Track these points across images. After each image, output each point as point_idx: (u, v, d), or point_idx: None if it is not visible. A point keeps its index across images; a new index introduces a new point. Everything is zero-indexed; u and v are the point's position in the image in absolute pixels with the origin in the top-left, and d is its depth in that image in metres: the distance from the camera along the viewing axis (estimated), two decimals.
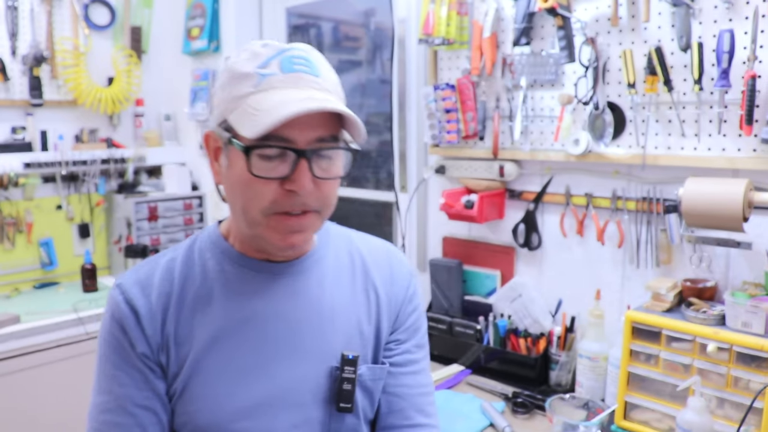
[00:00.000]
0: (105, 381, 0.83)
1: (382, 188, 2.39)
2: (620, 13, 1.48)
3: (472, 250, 1.89)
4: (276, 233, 0.79)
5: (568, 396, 1.36)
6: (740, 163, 1.34)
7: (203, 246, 0.88)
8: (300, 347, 0.85)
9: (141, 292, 0.83)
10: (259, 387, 0.83)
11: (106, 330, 0.84)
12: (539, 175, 1.73)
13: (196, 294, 0.84)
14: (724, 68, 1.30)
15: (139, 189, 2.73)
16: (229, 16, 2.58)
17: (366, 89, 2.47)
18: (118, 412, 0.81)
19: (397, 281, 0.95)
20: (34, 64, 2.40)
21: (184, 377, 0.82)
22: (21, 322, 2.08)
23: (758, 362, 1.17)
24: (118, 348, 0.82)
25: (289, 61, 0.78)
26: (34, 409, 2.07)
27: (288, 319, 0.85)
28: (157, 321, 0.82)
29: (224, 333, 0.82)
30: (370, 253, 0.96)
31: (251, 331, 0.83)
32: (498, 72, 1.72)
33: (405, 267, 0.98)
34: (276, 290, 0.85)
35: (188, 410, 0.82)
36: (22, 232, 2.48)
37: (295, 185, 0.76)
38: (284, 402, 0.84)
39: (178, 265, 0.86)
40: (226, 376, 0.82)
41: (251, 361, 0.83)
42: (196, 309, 0.83)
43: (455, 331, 1.77)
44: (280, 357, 0.84)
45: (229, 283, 0.84)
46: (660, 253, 1.50)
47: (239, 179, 0.78)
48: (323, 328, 0.87)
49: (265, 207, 0.78)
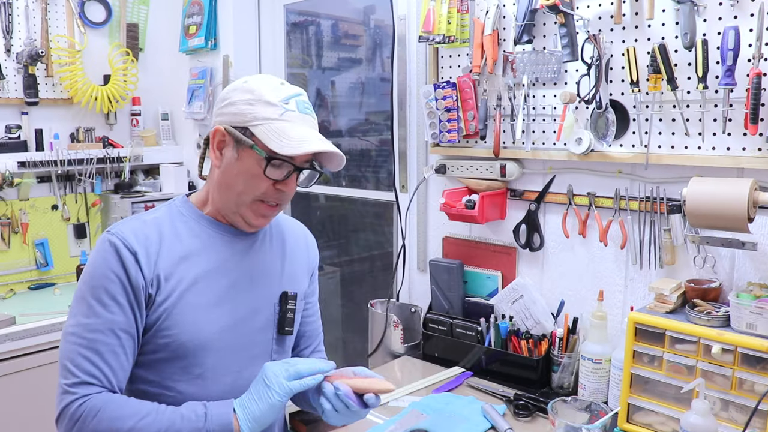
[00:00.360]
0: (96, 307, 1.02)
1: (382, 188, 2.38)
2: (623, 10, 1.46)
3: (473, 251, 1.87)
4: (253, 214, 1.11)
5: (570, 398, 1.35)
6: (745, 162, 1.33)
7: (180, 211, 1.15)
8: (254, 287, 1.17)
9: (135, 239, 1.06)
10: (226, 315, 1.12)
11: (104, 266, 1.03)
12: (541, 175, 1.71)
13: (180, 246, 1.10)
14: (728, 66, 1.28)
15: (135, 189, 2.71)
16: (226, 14, 2.56)
17: (366, 87, 2.45)
18: (106, 333, 1.02)
19: (310, 248, 1.33)
20: (29, 62, 2.37)
21: (169, 307, 1.06)
22: (16, 323, 2.06)
23: (763, 364, 1.16)
24: (116, 281, 1.03)
25: (302, 104, 1.10)
26: (29, 411, 2.05)
27: (245, 269, 1.16)
28: (151, 261, 1.05)
29: (201, 277, 1.10)
30: (293, 229, 1.31)
31: (219, 276, 1.12)
32: (499, 70, 1.70)
33: (314, 242, 1.36)
34: (236, 247, 1.16)
35: (172, 332, 1.06)
36: (17, 233, 2.46)
37: (286, 188, 1.10)
38: (244, 325, 1.15)
39: (163, 222, 1.11)
40: (202, 307, 1.09)
41: (219, 297, 1.12)
42: (180, 257, 1.09)
43: (456, 333, 1.76)
44: (241, 294, 1.15)
45: (204, 240, 1.13)
46: (664, 253, 1.48)
47: (247, 172, 1.08)
48: (268, 278, 1.20)
49: (257, 195, 1.09)
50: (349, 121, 2.52)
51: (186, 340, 1.07)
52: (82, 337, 1.02)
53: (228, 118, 1.08)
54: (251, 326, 1.16)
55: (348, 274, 2.70)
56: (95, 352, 1.01)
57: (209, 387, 1.11)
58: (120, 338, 1.03)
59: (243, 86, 1.09)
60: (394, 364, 1.81)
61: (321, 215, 2.71)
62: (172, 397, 1.09)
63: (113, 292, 1.02)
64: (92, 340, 1.01)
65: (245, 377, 1.14)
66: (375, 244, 2.53)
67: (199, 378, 1.10)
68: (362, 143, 2.47)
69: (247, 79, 1.11)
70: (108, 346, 1.02)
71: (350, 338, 2.70)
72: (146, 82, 2.78)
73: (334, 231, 2.67)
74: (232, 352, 1.14)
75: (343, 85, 2.54)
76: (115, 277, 1.03)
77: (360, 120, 2.50)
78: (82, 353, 1.01)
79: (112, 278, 1.03)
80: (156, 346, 1.08)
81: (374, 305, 1.99)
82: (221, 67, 2.58)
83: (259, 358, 1.17)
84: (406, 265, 2.06)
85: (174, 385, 1.09)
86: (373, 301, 2.00)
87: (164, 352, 1.08)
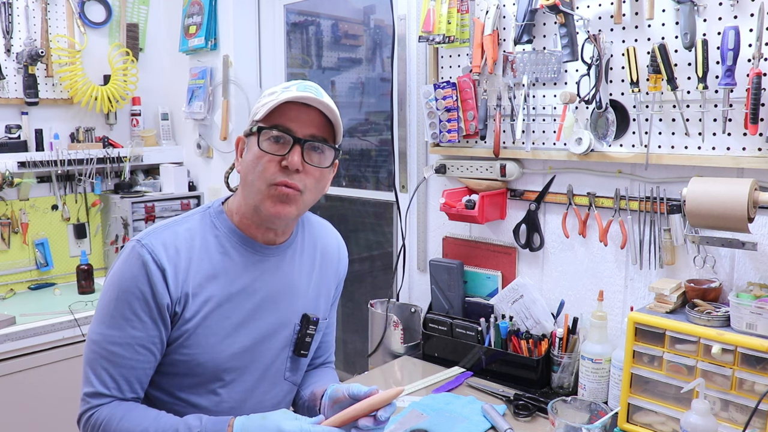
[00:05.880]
0: (119, 320, 1.03)
1: (382, 188, 2.38)
2: (624, 10, 1.46)
3: (473, 251, 1.87)
4: (271, 203, 1.06)
5: (570, 398, 1.35)
6: (745, 162, 1.32)
7: (214, 223, 1.13)
8: (278, 307, 1.16)
9: (165, 253, 1.04)
10: (246, 337, 1.12)
11: (132, 281, 1.03)
12: (541, 175, 1.71)
13: (210, 264, 1.09)
14: (728, 66, 1.28)
15: (135, 189, 2.71)
16: (226, 14, 2.56)
17: (366, 87, 2.45)
18: (126, 347, 1.03)
19: (342, 261, 1.32)
20: (29, 62, 2.37)
21: (192, 327, 1.06)
22: (16, 323, 2.06)
23: (763, 364, 1.15)
24: (141, 298, 1.03)
25: (303, 85, 1.08)
26: (29, 411, 2.05)
27: (269, 290, 1.15)
28: (179, 279, 1.05)
29: (227, 298, 1.10)
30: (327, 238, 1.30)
31: (245, 297, 1.12)
32: (499, 70, 1.70)
33: (345, 251, 1.35)
34: (263, 268, 1.15)
35: (192, 351, 1.07)
36: (17, 233, 2.46)
37: (288, 162, 1.04)
38: (263, 345, 1.15)
39: (195, 235, 1.10)
40: (224, 328, 1.09)
41: (242, 319, 1.12)
42: (209, 276, 1.08)
43: (456, 333, 1.76)
44: (262, 316, 1.14)
45: (234, 259, 1.12)
46: (664, 253, 1.48)
47: (252, 156, 1.07)
48: (293, 296, 1.18)
49: (267, 177, 1.05)
50: (349, 121, 2.52)
51: (205, 360, 1.09)
52: (103, 348, 1.04)
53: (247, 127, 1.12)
54: (270, 346, 1.17)
55: (348, 274, 2.69)
56: (113, 364, 1.04)
57: (221, 402, 1.13)
58: (139, 353, 1.04)
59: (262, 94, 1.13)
60: (394, 364, 1.81)
61: (321, 215, 2.69)
62: (183, 407, 1.11)
63: (137, 309, 1.03)
64: (111, 352, 1.03)
65: (257, 394, 1.17)
66: (375, 244, 2.53)
67: (212, 393, 1.12)
68: (362, 143, 2.47)
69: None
70: (126, 360, 1.04)
71: (350, 338, 2.70)
72: (146, 82, 2.78)
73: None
74: (247, 371, 1.15)
75: (343, 85, 2.54)
76: (140, 294, 1.03)
77: (360, 120, 2.50)
78: (102, 364, 1.04)
79: (138, 295, 1.03)
80: (173, 361, 1.09)
81: (374, 305, 1.99)
82: (221, 67, 2.58)
83: (273, 377, 1.19)
84: (406, 265, 2.06)
85: (187, 397, 1.11)
86: (373, 301, 2.00)
87: (181, 368, 1.09)
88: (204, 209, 1.15)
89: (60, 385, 2.08)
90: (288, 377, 1.22)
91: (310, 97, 1.04)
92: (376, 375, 1.75)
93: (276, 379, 1.20)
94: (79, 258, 2.44)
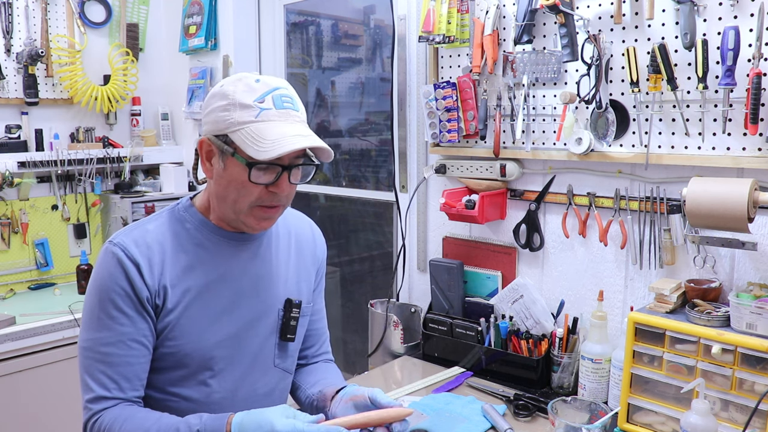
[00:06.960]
0: (106, 320, 1.04)
1: (382, 188, 2.38)
2: (624, 10, 1.46)
3: (473, 251, 1.87)
4: (254, 219, 1.09)
5: (570, 398, 1.35)
6: (745, 162, 1.32)
7: (183, 217, 1.13)
8: (259, 293, 1.17)
9: (137, 249, 1.06)
10: (230, 324, 1.13)
11: (110, 280, 1.05)
12: (541, 175, 1.71)
13: (185, 256, 1.09)
14: (728, 66, 1.28)
15: (135, 189, 2.71)
16: (226, 14, 2.56)
17: (366, 87, 2.45)
18: (119, 345, 1.04)
19: (318, 245, 1.32)
20: (29, 62, 2.37)
21: (174, 318, 1.07)
22: (16, 323, 2.06)
23: (763, 364, 1.15)
24: (122, 294, 1.04)
25: (279, 99, 1.04)
26: (29, 411, 2.05)
27: (250, 275, 1.16)
28: (155, 272, 1.06)
29: (206, 287, 1.10)
30: (299, 223, 1.30)
31: (225, 284, 1.13)
32: (499, 70, 1.70)
33: (321, 235, 1.35)
34: (242, 254, 1.15)
35: (177, 342, 1.08)
36: (17, 233, 2.46)
37: (278, 189, 1.06)
38: (248, 332, 1.16)
39: (165, 231, 1.10)
40: (207, 317, 1.10)
41: (225, 306, 1.12)
42: (186, 267, 1.09)
43: (456, 333, 1.76)
44: (246, 301, 1.15)
45: (208, 249, 1.12)
46: (664, 253, 1.48)
47: (235, 181, 1.05)
48: (273, 281, 1.19)
49: (251, 201, 1.06)
50: (349, 121, 2.52)
51: (191, 350, 1.10)
52: (96, 352, 1.05)
53: (210, 127, 1.06)
54: (255, 333, 1.17)
55: (348, 274, 2.70)
56: (109, 365, 1.04)
57: (212, 392, 1.13)
58: (132, 348, 1.05)
59: (219, 91, 1.06)
60: (394, 364, 1.81)
61: (321, 215, 2.71)
62: (176, 402, 1.11)
63: (120, 305, 1.04)
64: (105, 354, 1.04)
65: (248, 382, 1.17)
66: (375, 244, 2.53)
67: (203, 384, 1.13)
68: (362, 143, 2.47)
69: (223, 82, 1.07)
70: (121, 358, 1.05)
71: (350, 338, 2.70)
72: (146, 82, 2.78)
73: (334, 231, 2.67)
74: (235, 359, 1.15)
75: (343, 85, 2.54)
76: (120, 290, 1.04)
77: (360, 120, 2.50)
78: (98, 367, 1.05)
79: (118, 291, 1.04)
80: (161, 355, 1.10)
81: (374, 305, 1.99)
82: (221, 67, 2.58)
83: (262, 364, 1.19)
84: (406, 265, 2.06)
85: (178, 390, 1.12)
86: (373, 301, 2.00)
87: (169, 361, 1.10)
88: (171, 207, 1.16)
89: (60, 385, 2.08)
90: (278, 364, 1.22)
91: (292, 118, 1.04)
92: (376, 375, 1.75)
93: (266, 367, 1.20)
94: (79, 258, 2.44)
